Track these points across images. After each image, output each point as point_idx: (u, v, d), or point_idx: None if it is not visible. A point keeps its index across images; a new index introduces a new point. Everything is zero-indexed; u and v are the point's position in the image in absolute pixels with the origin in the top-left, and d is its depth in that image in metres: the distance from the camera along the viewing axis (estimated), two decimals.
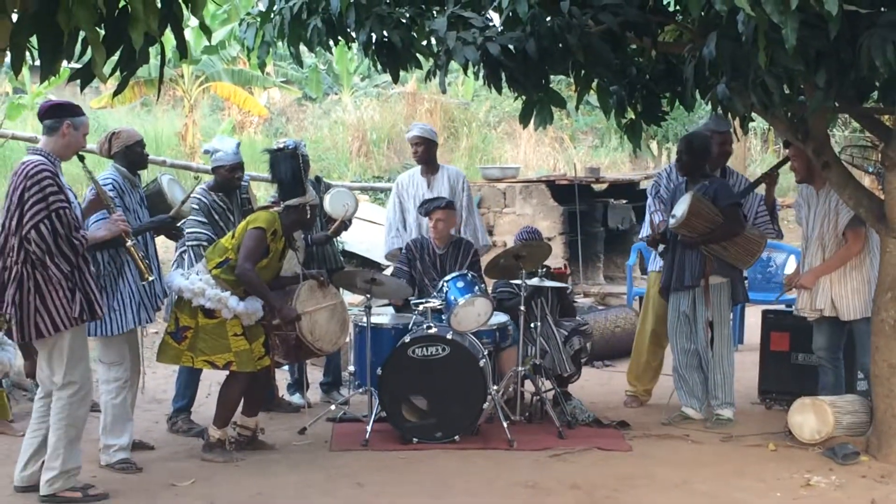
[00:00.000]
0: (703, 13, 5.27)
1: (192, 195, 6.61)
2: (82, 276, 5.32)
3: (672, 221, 6.90)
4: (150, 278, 5.90)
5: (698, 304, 7.02)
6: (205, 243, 6.62)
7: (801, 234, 6.96)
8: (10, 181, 5.29)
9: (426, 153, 8.11)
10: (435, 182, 8.08)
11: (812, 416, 6.42)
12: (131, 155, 6.21)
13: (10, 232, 5.22)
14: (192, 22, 14.02)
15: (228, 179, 6.88)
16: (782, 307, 8.38)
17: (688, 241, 6.92)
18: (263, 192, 11.91)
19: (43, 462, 5.47)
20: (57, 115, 5.42)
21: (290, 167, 6.30)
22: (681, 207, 6.81)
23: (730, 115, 6.03)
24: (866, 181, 10.98)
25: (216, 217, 6.86)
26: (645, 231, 7.71)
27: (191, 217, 6.73)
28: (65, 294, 5.25)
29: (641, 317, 7.96)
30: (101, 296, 5.50)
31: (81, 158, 5.69)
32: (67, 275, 5.24)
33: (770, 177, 7.40)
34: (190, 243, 6.75)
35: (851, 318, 6.66)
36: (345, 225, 7.57)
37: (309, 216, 6.35)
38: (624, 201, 13.20)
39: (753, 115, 6.45)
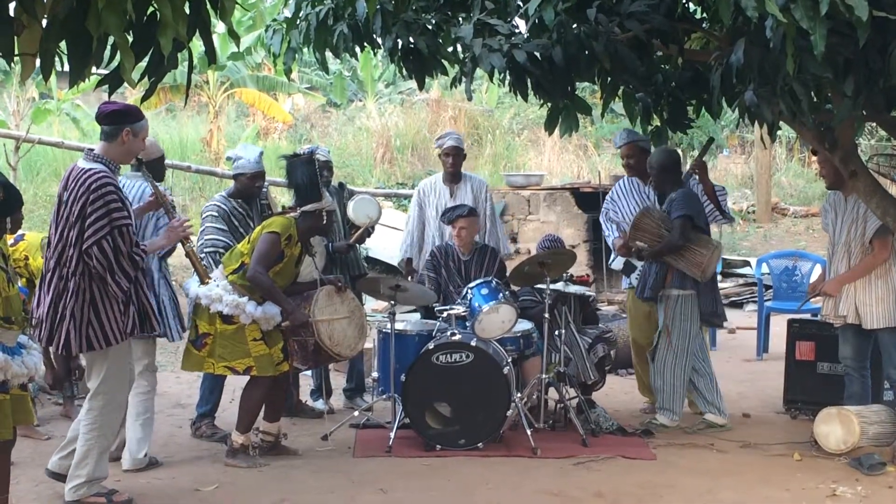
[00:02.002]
0: (731, 20, 5.25)
1: (212, 203, 6.88)
2: (138, 290, 5.28)
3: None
4: (209, 281, 5.97)
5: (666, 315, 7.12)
6: (221, 250, 6.64)
7: (828, 240, 6.92)
8: (68, 189, 5.15)
9: (459, 163, 8.08)
10: (458, 191, 8.04)
11: (838, 426, 6.38)
12: (157, 167, 6.28)
13: (69, 244, 5.12)
14: (219, 28, 14.12)
15: (249, 187, 6.92)
16: (808, 316, 8.33)
17: (641, 255, 7.13)
18: (288, 198, 11.92)
19: None
20: (116, 121, 5.28)
21: (306, 173, 6.30)
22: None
23: (756, 122, 6.00)
24: (894, 190, 10.90)
25: (236, 224, 6.88)
26: (613, 256, 7.81)
27: (209, 224, 6.79)
28: (119, 308, 5.20)
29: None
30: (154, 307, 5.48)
31: (140, 162, 5.70)
32: (126, 291, 5.18)
33: (697, 167, 7.44)
34: (207, 250, 6.77)
35: (874, 327, 6.60)
36: (367, 232, 7.60)
37: (325, 221, 6.36)
38: None
39: (780, 123, 6.41)
